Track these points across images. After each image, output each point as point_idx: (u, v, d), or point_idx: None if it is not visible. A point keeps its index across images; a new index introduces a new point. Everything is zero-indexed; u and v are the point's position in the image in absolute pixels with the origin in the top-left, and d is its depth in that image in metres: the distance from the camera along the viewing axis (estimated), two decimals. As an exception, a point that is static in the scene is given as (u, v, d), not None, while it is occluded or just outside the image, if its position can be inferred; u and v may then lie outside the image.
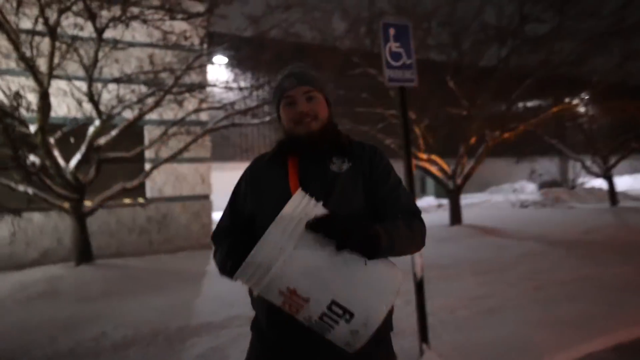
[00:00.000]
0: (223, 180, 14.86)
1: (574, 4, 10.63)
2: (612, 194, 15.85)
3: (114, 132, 7.72)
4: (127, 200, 9.50)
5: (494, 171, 22.62)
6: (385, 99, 10.69)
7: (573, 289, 5.72)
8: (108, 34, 7.31)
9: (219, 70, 10.40)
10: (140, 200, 9.71)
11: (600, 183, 17.55)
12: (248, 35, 9.50)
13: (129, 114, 8.01)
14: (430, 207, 17.01)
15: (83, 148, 7.44)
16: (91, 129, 7.53)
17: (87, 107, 7.78)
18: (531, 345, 4.01)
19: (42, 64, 6.84)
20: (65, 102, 8.33)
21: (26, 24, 6.74)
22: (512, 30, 10.94)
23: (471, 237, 9.90)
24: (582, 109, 15.54)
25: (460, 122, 11.80)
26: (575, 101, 14.55)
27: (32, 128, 6.98)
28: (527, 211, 15.50)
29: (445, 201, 14.78)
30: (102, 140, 7.63)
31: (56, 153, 7.19)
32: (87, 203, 7.80)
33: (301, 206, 1.29)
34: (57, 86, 7.59)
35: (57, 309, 5.69)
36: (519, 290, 5.74)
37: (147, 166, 9.08)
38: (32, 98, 6.98)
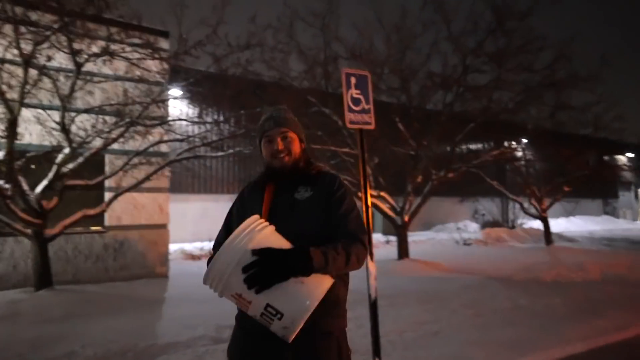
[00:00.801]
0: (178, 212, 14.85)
1: (510, 58, 11.69)
2: (547, 234, 16.93)
3: (80, 160, 7.81)
4: (89, 228, 9.47)
5: (440, 210, 23.64)
6: (338, 137, 11.23)
7: (508, 316, 6.28)
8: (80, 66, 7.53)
9: (180, 104, 10.67)
10: (98, 227, 9.67)
11: (538, 224, 18.66)
12: (211, 71, 9.82)
13: (95, 144, 8.16)
14: (379, 243, 17.52)
15: (50, 175, 7.50)
16: (60, 157, 7.61)
17: (53, 134, 7.88)
18: (471, 361, 4.46)
19: (13, 92, 6.96)
20: (31, 129, 8.39)
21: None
22: (456, 79, 11.84)
23: (417, 271, 10.44)
24: (519, 153, 16.78)
25: (408, 162, 12.47)
26: (513, 145, 15.74)
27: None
28: (469, 248, 16.32)
29: (393, 238, 15.35)
30: (67, 168, 7.70)
31: (21, 179, 7.23)
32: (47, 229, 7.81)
33: (248, 229, 1.63)
34: (25, 113, 7.68)
35: (22, 330, 5.75)
36: (461, 317, 6.23)
37: (107, 194, 9.14)
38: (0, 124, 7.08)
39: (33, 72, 7.13)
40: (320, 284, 1.63)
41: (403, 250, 12.20)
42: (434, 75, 12.05)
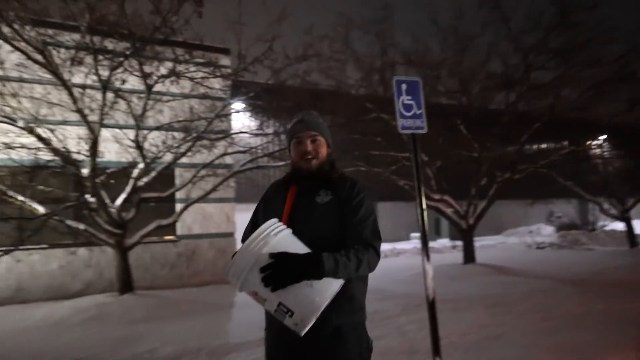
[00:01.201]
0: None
1: (576, 53, 11.12)
2: (631, 236, 15.80)
3: (153, 174, 8.45)
4: (163, 237, 10.22)
5: (510, 214, 22.77)
6: (397, 142, 11.18)
7: (579, 321, 5.99)
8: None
9: (242, 117, 11.15)
10: (172, 237, 10.35)
11: (622, 226, 17.39)
12: (270, 83, 10.17)
13: (166, 158, 8.82)
14: (445, 248, 17.20)
15: (128, 188, 8.22)
16: (135, 172, 8.32)
17: (129, 151, 8.61)
18: (533, 364, 4.35)
19: (94, 114, 7.73)
20: (109, 148, 9.18)
21: (76, 79, 7.62)
22: (518, 79, 11.44)
23: (484, 275, 10.15)
24: (594, 151, 15.80)
25: (471, 164, 12.18)
26: (587, 143, 14.87)
27: (84, 171, 7.83)
28: (542, 252, 15.58)
29: (459, 243, 14.98)
30: (142, 182, 8.38)
31: (103, 193, 7.96)
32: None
33: (265, 232, 1.77)
34: (104, 133, 8.43)
35: (110, 329, 6.45)
36: (526, 321, 6.05)
37: (178, 205, 9.76)
38: (84, 144, 7.86)
39: (110, 96, 7.85)
40: (329, 287, 1.76)
41: (468, 255, 11.90)
42: (495, 76, 11.72)
